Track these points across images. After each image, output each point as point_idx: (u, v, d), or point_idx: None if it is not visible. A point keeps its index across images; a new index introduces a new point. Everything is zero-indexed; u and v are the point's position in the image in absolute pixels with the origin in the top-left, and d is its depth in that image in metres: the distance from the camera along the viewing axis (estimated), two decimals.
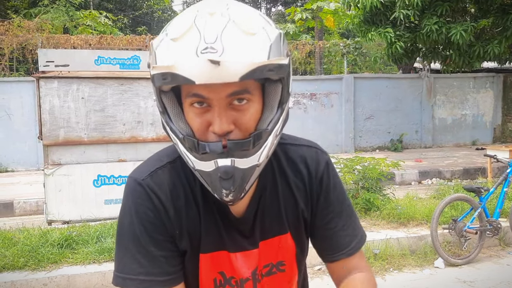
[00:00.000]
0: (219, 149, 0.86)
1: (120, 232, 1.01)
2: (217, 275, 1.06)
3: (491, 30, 10.14)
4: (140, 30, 18.15)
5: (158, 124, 5.71)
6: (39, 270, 3.82)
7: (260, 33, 0.84)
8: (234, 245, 1.05)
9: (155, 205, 0.99)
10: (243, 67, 0.80)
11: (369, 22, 10.44)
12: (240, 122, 0.89)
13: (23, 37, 11.74)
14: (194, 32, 0.83)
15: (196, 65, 0.79)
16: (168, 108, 0.92)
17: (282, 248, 1.09)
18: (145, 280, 0.97)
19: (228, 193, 0.90)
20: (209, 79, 0.80)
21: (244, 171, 0.90)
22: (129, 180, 1.03)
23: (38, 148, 10.02)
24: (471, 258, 4.49)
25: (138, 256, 0.98)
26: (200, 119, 0.89)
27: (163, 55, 0.84)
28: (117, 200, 5.58)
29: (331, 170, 1.11)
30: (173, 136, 0.92)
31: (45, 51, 5.54)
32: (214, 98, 0.86)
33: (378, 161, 5.78)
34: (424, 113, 13.66)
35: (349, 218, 1.13)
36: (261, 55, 0.82)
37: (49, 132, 5.33)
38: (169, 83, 0.83)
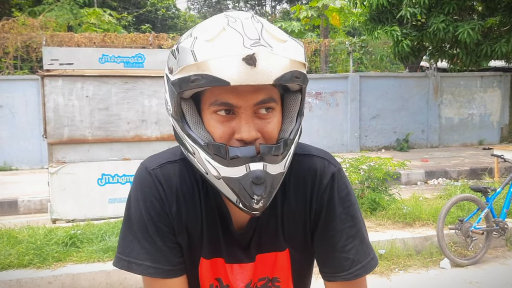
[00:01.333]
0: (252, 153, 0.85)
1: (128, 217, 1.01)
2: (214, 281, 1.06)
3: (498, 28, 10.06)
4: (144, 28, 18.16)
5: (163, 123, 5.70)
6: (44, 268, 3.82)
7: (290, 41, 0.86)
8: (231, 256, 1.04)
9: (160, 196, 0.99)
10: (277, 69, 0.81)
11: (376, 20, 10.39)
12: (265, 130, 0.89)
13: (27, 35, 11.77)
14: (231, 33, 0.82)
15: (233, 64, 0.79)
16: (187, 115, 0.90)
17: (278, 265, 1.07)
18: (151, 266, 0.97)
19: (259, 199, 0.88)
20: (244, 80, 0.79)
21: (274, 177, 0.89)
22: (140, 167, 1.03)
23: (42, 147, 10.05)
24: (478, 259, 4.45)
25: (144, 243, 0.98)
26: (224, 127, 0.88)
27: (201, 55, 0.81)
28: (121, 199, 5.58)
29: (338, 184, 1.04)
30: (191, 144, 0.90)
31: (49, 49, 5.53)
32: (242, 106, 0.86)
33: (384, 160, 5.73)
34: (430, 113, 13.58)
35: (353, 240, 1.03)
36: (299, 57, 0.85)
37: (54, 131, 5.33)
38: (197, 85, 0.82)
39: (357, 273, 1.02)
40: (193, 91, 0.88)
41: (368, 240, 1.07)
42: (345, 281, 1.03)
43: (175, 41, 14.01)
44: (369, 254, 1.05)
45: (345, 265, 1.02)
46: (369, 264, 1.04)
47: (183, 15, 24.71)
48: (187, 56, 0.83)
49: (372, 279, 3.98)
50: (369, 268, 1.04)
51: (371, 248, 1.07)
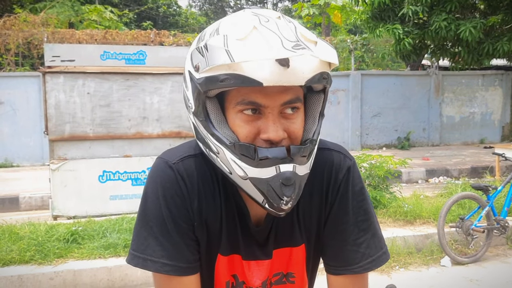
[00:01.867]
0: (282, 154, 0.84)
1: (144, 212, 0.97)
2: (230, 278, 1.05)
3: (500, 27, 10.02)
4: (145, 25, 18.14)
5: (164, 120, 5.70)
6: (45, 264, 3.82)
7: (320, 41, 0.85)
8: (248, 253, 1.03)
9: (182, 192, 0.96)
10: (309, 70, 0.80)
11: (377, 18, 10.37)
12: (291, 130, 0.88)
13: (28, 32, 11.76)
14: (266, 33, 0.80)
15: (266, 64, 0.77)
16: (211, 115, 0.89)
17: (293, 260, 1.06)
18: (167, 264, 0.95)
19: (289, 201, 0.87)
20: (277, 81, 0.78)
21: (301, 178, 0.89)
22: (159, 161, 1.00)
23: (43, 143, 10.06)
24: (478, 257, 4.45)
25: (162, 239, 0.95)
26: (250, 126, 0.87)
27: (237, 55, 0.77)
28: (122, 196, 5.59)
29: (353, 178, 1.04)
30: (215, 143, 0.88)
31: (51, 46, 5.53)
32: (269, 106, 0.85)
33: (385, 159, 5.73)
34: (431, 111, 13.56)
35: (365, 234, 1.02)
36: (334, 58, 0.84)
37: (55, 127, 5.34)
38: (226, 85, 0.81)
39: (367, 266, 1.01)
40: (219, 90, 0.86)
41: (380, 234, 1.05)
42: (353, 274, 1.01)
43: (177, 38, 13.92)
44: (381, 248, 1.04)
45: (355, 258, 1.01)
46: (380, 258, 1.03)
47: (185, 13, 24.68)
48: (220, 55, 0.79)
49: (373, 276, 3.98)
50: (380, 262, 1.03)
51: (384, 242, 1.06)
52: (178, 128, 5.76)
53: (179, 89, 5.71)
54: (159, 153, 4.70)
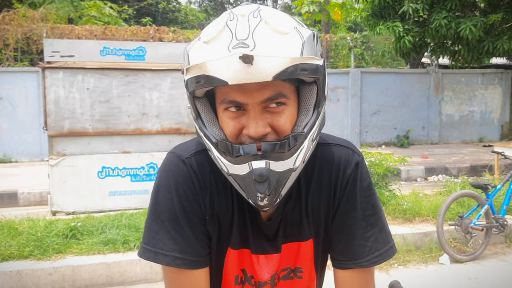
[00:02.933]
0: (253, 150, 0.85)
1: (155, 206, 0.98)
2: (239, 272, 1.06)
3: (500, 25, 10.01)
4: (145, 21, 18.09)
5: (163, 117, 5.69)
6: (44, 259, 3.82)
7: (292, 33, 0.84)
8: (258, 247, 1.04)
9: (194, 186, 0.98)
10: (276, 65, 0.79)
11: (377, 16, 10.35)
12: (275, 124, 0.88)
13: (27, 27, 11.72)
14: (226, 32, 0.83)
15: (228, 64, 0.79)
16: (202, 113, 0.92)
17: (301, 255, 1.07)
18: (178, 257, 0.96)
19: (263, 197, 0.88)
20: (242, 79, 0.79)
21: (280, 174, 0.88)
22: (171, 156, 1.01)
23: (42, 139, 10.05)
24: (477, 255, 4.46)
25: (173, 233, 0.96)
26: (234, 122, 0.89)
27: (195, 57, 0.84)
28: (121, 192, 5.58)
29: (361, 174, 1.04)
30: (206, 141, 0.92)
31: (50, 41, 5.51)
32: (249, 103, 0.86)
33: (385, 156, 5.73)
34: (431, 109, 13.57)
35: (372, 228, 1.03)
36: (293, 52, 0.82)
37: (54, 123, 5.32)
38: (202, 85, 0.84)
39: (374, 260, 1.02)
40: (203, 90, 0.90)
41: (387, 229, 1.06)
42: (360, 268, 1.02)
43: (176, 35, 13.88)
44: (388, 242, 1.04)
45: (362, 252, 1.02)
46: (387, 252, 1.04)
47: (184, 9, 24.60)
48: (185, 58, 0.88)
49: None
50: (387, 256, 1.03)
51: (391, 237, 1.06)
52: (177, 124, 5.75)
53: (179, 85, 5.69)
54: (158, 149, 4.75)
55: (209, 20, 21.02)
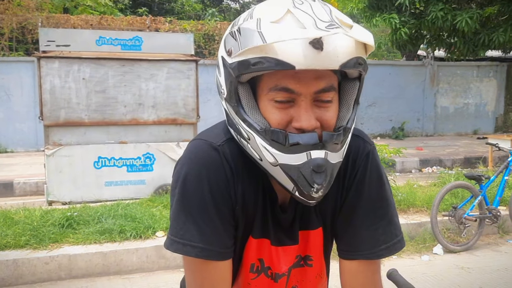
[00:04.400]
0: (314, 140, 0.83)
1: (183, 196, 0.93)
2: (256, 261, 1.04)
3: (496, 18, 10.03)
4: (141, 12, 17.94)
5: (160, 107, 5.69)
6: (40, 249, 3.83)
7: (356, 26, 0.83)
8: (276, 238, 1.02)
9: (227, 176, 0.93)
10: (343, 54, 0.78)
11: (374, 8, 10.33)
12: (324, 119, 0.86)
13: (22, 16, 11.60)
14: (300, 14, 0.79)
15: (299, 48, 0.76)
16: (243, 100, 0.87)
17: (311, 243, 1.06)
18: (205, 248, 0.92)
19: (319, 188, 0.85)
20: (310, 65, 0.76)
21: (334, 166, 0.87)
22: (200, 143, 0.95)
23: (38, 129, 10.00)
24: (470, 245, 4.51)
25: (201, 224, 0.92)
26: (282, 113, 0.85)
27: (270, 36, 0.76)
28: (117, 182, 5.59)
29: (371, 164, 1.01)
30: (246, 129, 0.87)
31: (46, 31, 5.48)
32: (303, 93, 0.83)
33: (380, 147, 5.76)
34: (426, 101, 13.61)
35: (381, 220, 1.00)
36: (370, 39, 0.82)
37: (50, 113, 5.31)
38: (260, 69, 0.79)
39: (380, 253, 1.00)
40: (251, 74, 0.85)
41: (397, 222, 1.04)
42: (366, 259, 1.01)
43: (173, 25, 13.75)
44: (396, 235, 1.02)
45: (369, 243, 1.00)
46: (394, 245, 1.01)
47: None
48: (253, 37, 0.77)
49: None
50: (394, 249, 1.01)
51: (400, 230, 1.04)
52: (173, 115, 5.75)
53: (175, 75, 5.68)
54: (155, 139, 4.75)
55: (205, 10, 20.86)
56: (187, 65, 5.69)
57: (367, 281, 1.02)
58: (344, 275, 1.05)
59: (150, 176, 5.69)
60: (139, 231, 4.12)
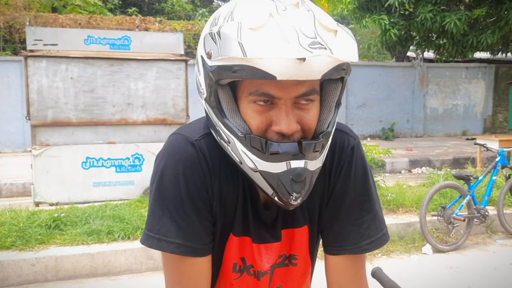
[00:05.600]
0: (294, 150, 0.81)
1: (159, 191, 0.92)
2: (238, 260, 1.03)
3: (484, 20, 10.12)
4: (131, 12, 17.84)
5: (149, 107, 5.64)
6: (26, 250, 3.78)
7: (340, 30, 0.81)
8: (257, 236, 1.01)
9: (203, 171, 0.92)
10: (326, 64, 0.76)
11: (364, 9, 10.37)
12: (304, 121, 0.85)
13: (10, 15, 11.48)
14: (282, 24, 0.75)
15: (285, 60, 0.73)
16: (223, 103, 0.85)
17: (296, 241, 1.04)
18: (182, 244, 0.91)
19: (298, 197, 0.85)
20: (292, 75, 0.74)
21: (313, 173, 0.86)
22: (178, 137, 0.95)
23: (25, 129, 9.88)
24: (459, 245, 4.54)
25: (178, 219, 0.91)
26: (262, 116, 0.84)
27: (249, 48, 0.74)
28: (106, 183, 5.53)
29: (357, 158, 1.01)
30: (226, 133, 0.86)
31: (33, 29, 5.41)
32: (283, 98, 0.81)
33: (370, 148, 5.78)
34: (416, 102, 13.71)
35: (366, 214, 1.01)
36: (353, 54, 0.80)
37: (37, 112, 5.24)
38: (240, 76, 0.77)
39: (366, 247, 1.00)
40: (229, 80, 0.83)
41: (381, 216, 1.04)
42: (352, 254, 1.00)
43: (163, 25, 13.67)
44: (381, 229, 1.02)
45: (355, 238, 0.99)
46: (379, 240, 1.02)
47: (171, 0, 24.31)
48: (232, 46, 0.75)
49: None
50: (379, 243, 1.02)
51: (384, 224, 1.04)
52: (163, 115, 5.71)
53: (165, 75, 5.64)
54: (143, 139, 4.70)
55: (196, 11, 20.80)
56: (177, 65, 5.66)
57: (353, 276, 1.02)
58: (329, 270, 1.04)
59: (139, 177, 5.64)
60: (128, 232, 4.08)
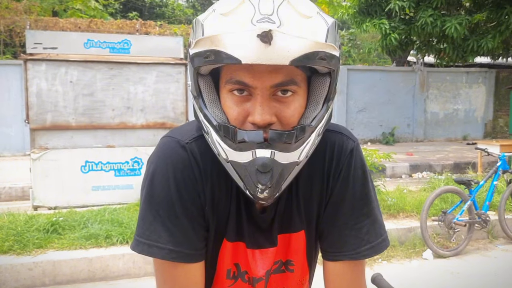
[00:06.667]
0: (259, 138, 0.79)
1: (150, 195, 0.90)
2: (232, 266, 1.00)
3: (485, 24, 10.14)
4: (132, 16, 17.88)
5: (148, 111, 5.63)
6: (24, 254, 3.75)
7: (316, 17, 0.79)
8: (252, 241, 0.98)
9: (194, 174, 0.90)
10: (296, 49, 0.73)
11: (364, 13, 10.39)
12: (282, 115, 0.82)
13: (10, 19, 11.50)
14: (246, 5, 0.77)
15: (244, 40, 0.72)
16: (203, 93, 0.85)
17: (292, 247, 1.01)
18: (173, 250, 0.89)
19: (264, 189, 0.82)
20: (257, 59, 0.72)
21: (284, 166, 0.82)
22: (168, 140, 0.93)
23: (25, 133, 9.86)
24: (460, 250, 4.50)
25: (169, 224, 0.89)
26: (239, 107, 0.82)
27: (210, 28, 0.77)
28: (105, 187, 5.51)
29: (356, 161, 0.98)
30: (205, 123, 0.85)
31: (33, 33, 5.41)
32: (258, 87, 0.79)
33: (370, 152, 5.75)
34: (416, 107, 13.69)
35: (365, 218, 0.98)
36: (318, 37, 0.76)
37: (36, 116, 5.23)
38: (210, 62, 0.76)
39: (365, 253, 0.97)
40: (209, 67, 0.83)
41: (381, 221, 1.01)
42: (351, 260, 0.97)
43: (163, 29, 13.72)
44: (381, 235, 0.99)
45: (354, 244, 0.96)
46: (379, 245, 0.99)
47: (172, 4, 24.38)
48: (198, 29, 0.79)
49: None
50: (379, 249, 0.99)
51: (384, 229, 1.01)
52: (162, 118, 5.69)
53: (164, 79, 5.63)
54: (143, 143, 4.67)
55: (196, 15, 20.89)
56: (177, 68, 5.64)
57: (352, 282, 0.99)
58: (328, 277, 1.00)
59: (138, 181, 5.61)
60: (126, 236, 4.05)
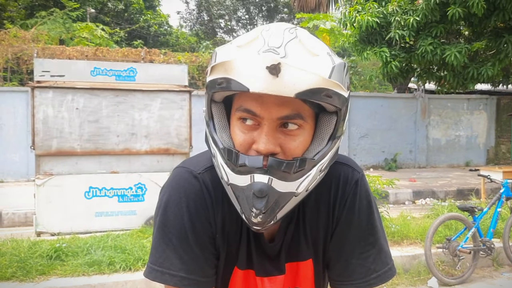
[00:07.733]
0: (259, 163, 0.82)
1: (163, 224, 0.94)
2: None
3: (484, 52, 10.27)
4: (136, 44, 18.20)
5: (152, 137, 5.68)
6: (27, 281, 3.73)
7: (324, 56, 0.83)
8: (261, 269, 1.01)
9: (206, 204, 0.94)
10: (302, 83, 0.77)
11: (365, 42, 10.55)
12: (287, 146, 0.86)
13: (18, 47, 11.72)
14: (259, 40, 0.82)
15: (252, 70, 0.77)
16: (215, 118, 0.90)
17: (300, 275, 1.04)
18: (185, 277, 0.92)
19: (258, 213, 0.84)
20: (264, 89, 0.76)
21: (280, 194, 0.84)
22: (182, 170, 0.97)
23: (29, 159, 9.92)
24: (465, 278, 4.45)
25: (181, 252, 0.92)
26: (246, 135, 0.86)
27: (222, 56, 0.83)
28: (108, 213, 5.51)
29: (361, 192, 1.01)
30: (213, 147, 0.90)
31: (41, 61, 5.52)
32: (265, 117, 0.83)
33: (373, 178, 5.76)
34: (418, 133, 13.74)
35: (371, 248, 1.00)
36: (322, 72, 0.80)
37: (42, 142, 5.28)
38: (222, 88, 0.82)
39: (372, 282, 0.99)
40: (222, 94, 0.88)
41: (387, 250, 1.03)
42: None
43: (167, 57, 13.95)
44: (387, 263, 1.01)
45: (360, 273, 0.99)
46: (386, 274, 1.00)
47: (175, 32, 24.84)
48: (213, 57, 0.86)
49: None
50: (386, 278, 1.00)
51: (390, 257, 1.03)
52: (166, 144, 5.74)
53: (169, 106, 5.71)
54: (147, 169, 4.72)
55: (200, 43, 21.21)
56: (181, 95, 5.73)
57: None
58: None
59: (141, 207, 5.62)
60: (129, 263, 4.03)
